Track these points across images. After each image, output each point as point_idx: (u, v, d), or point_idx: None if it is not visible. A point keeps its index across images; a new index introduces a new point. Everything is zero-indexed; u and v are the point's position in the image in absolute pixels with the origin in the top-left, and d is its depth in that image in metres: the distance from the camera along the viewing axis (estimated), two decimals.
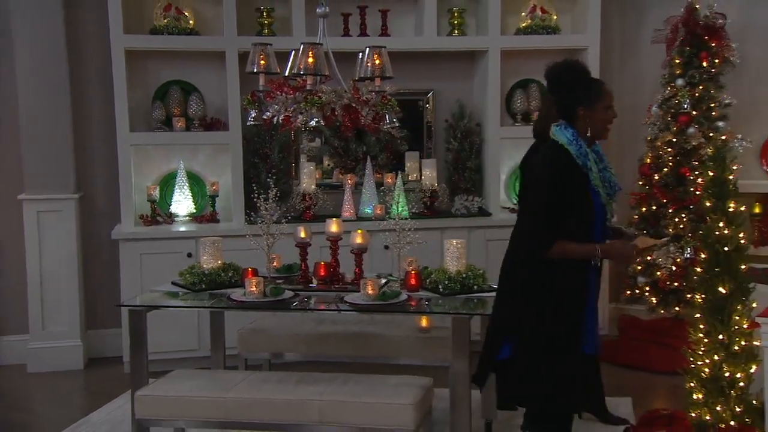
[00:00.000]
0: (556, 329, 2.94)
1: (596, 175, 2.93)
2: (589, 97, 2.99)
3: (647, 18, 5.55)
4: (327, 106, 3.39)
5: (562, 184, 2.88)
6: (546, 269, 2.92)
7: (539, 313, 2.95)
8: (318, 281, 3.76)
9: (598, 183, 2.94)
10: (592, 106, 2.98)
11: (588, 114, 2.97)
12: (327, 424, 3.14)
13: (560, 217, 2.87)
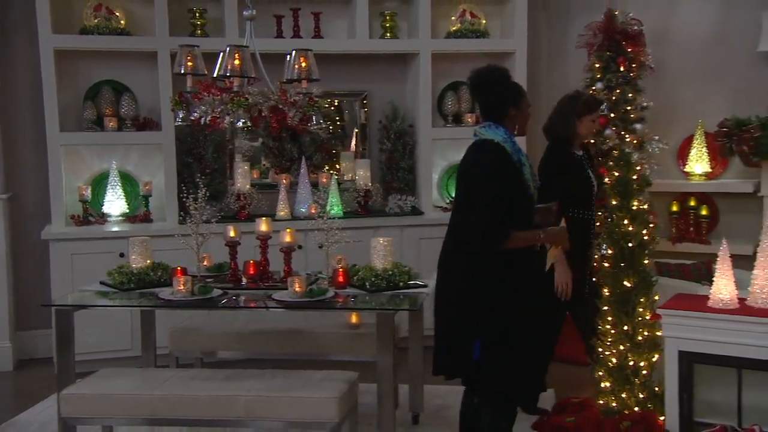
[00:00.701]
0: (522, 321, 3.10)
1: (528, 169, 3.15)
2: (516, 97, 3.20)
3: (572, 23, 5.76)
4: (254, 107, 3.46)
5: (505, 179, 3.06)
6: (504, 266, 3.07)
7: (505, 309, 3.07)
8: (247, 280, 3.82)
9: (528, 176, 3.14)
10: (520, 106, 3.20)
11: (516, 113, 3.19)
12: (253, 419, 3.21)
13: (507, 210, 3.04)
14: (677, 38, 5.55)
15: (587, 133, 4.06)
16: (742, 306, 2.93)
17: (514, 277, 3.09)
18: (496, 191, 3.02)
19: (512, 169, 3.09)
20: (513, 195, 3.06)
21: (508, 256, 3.05)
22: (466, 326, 3.14)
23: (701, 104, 5.44)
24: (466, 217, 3.15)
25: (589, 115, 4.00)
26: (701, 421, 2.93)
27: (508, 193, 3.05)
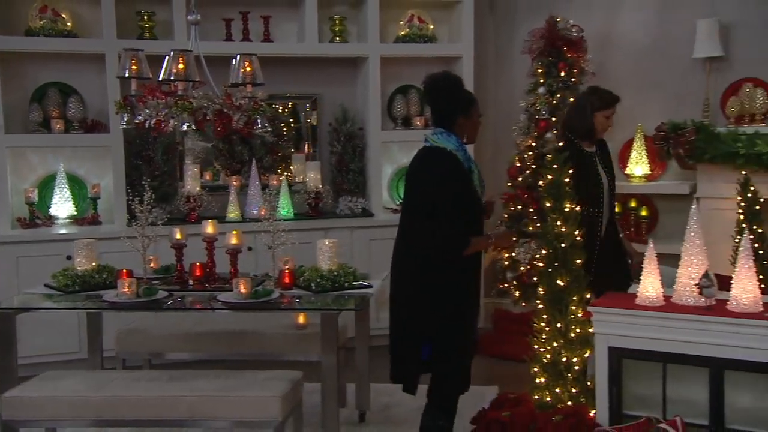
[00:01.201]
0: (471, 324, 3.28)
1: (476, 176, 3.25)
2: (467, 106, 3.26)
3: (518, 29, 5.91)
4: (198, 111, 3.50)
5: (459, 187, 3.15)
6: (458, 272, 3.20)
7: (456, 313, 3.21)
8: (194, 281, 3.85)
9: (477, 183, 3.24)
10: (469, 116, 3.26)
11: (465, 122, 3.25)
12: (197, 419, 3.24)
13: (462, 216, 3.13)
14: (618, 45, 5.73)
15: (600, 129, 4.03)
16: (667, 303, 3.06)
17: (465, 281, 3.23)
18: (455, 200, 3.11)
19: (464, 177, 3.19)
20: (466, 202, 3.16)
21: (461, 261, 3.16)
22: (416, 329, 3.24)
23: (641, 109, 5.62)
24: (421, 224, 3.20)
25: (603, 111, 4.00)
26: (629, 413, 3.04)
27: (463, 201, 3.15)
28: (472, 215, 3.21)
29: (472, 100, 3.32)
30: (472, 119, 3.29)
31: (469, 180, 3.22)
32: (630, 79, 5.68)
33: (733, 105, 5.20)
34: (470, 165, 3.24)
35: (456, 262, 3.17)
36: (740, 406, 2.91)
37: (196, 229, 4.10)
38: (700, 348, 2.91)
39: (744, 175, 4.97)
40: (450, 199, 3.11)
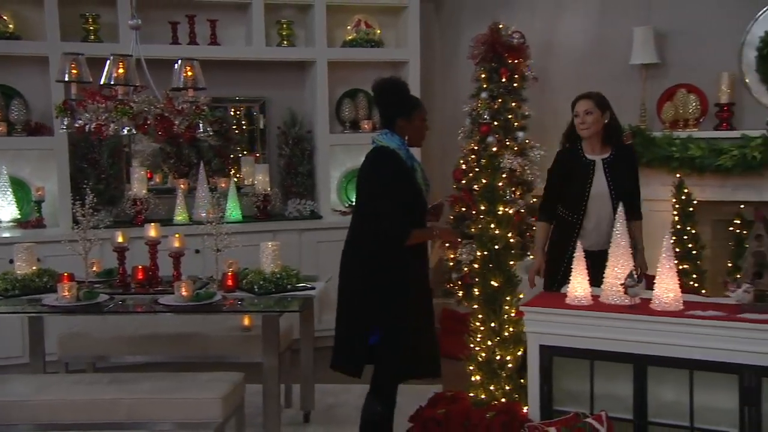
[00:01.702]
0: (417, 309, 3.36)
1: (420, 174, 3.38)
2: (408, 109, 3.39)
3: (464, 35, 5.99)
4: (139, 115, 3.51)
5: (401, 183, 3.29)
6: (403, 265, 3.31)
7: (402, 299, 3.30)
8: (136, 284, 3.86)
9: (421, 181, 3.37)
10: (409, 119, 3.38)
11: (405, 125, 3.38)
12: (136, 421, 3.26)
13: (404, 208, 3.27)
14: (559, 50, 5.87)
15: (578, 130, 3.99)
16: (595, 302, 3.17)
17: (411, 274, 3.33)
18: (396, 194, 3.25)
19: (406, 174, 3.32)
20: (408, 198, 3.30)
21: (405, 255, 3.29)
22: (363, 318, 3.33)
23: None
24: (368, 219, 3.34)
25: (573, 114, 4.02)
26: (560, 409, 3.14)
27: (405, 195, 3.28)
28: (415, 210, 3.34)
29: (415, 104, 3.44)
30: (413, 123, 3.39)
31: (412, 177, 3.34)
32: (571, 85, 5.79)
33: (668, 110, 5.37)
34: (413, 163, 3.36)
35: (401, 255, 3.28)
36: (663, 401, 3.03)
37: (140, 232, 4.11)
38: (624, 345, 3.03)
39: (678, 178, 5.16)
40: (392, 194, 3.25)
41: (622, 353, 3.03)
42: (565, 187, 3.95)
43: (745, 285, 2.90)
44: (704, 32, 5.31)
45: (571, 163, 3.98)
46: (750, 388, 2.80)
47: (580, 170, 3.93)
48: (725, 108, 5.22)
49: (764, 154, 4.90)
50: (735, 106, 5.24)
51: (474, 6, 6.01)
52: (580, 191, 3.90)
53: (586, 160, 3.95)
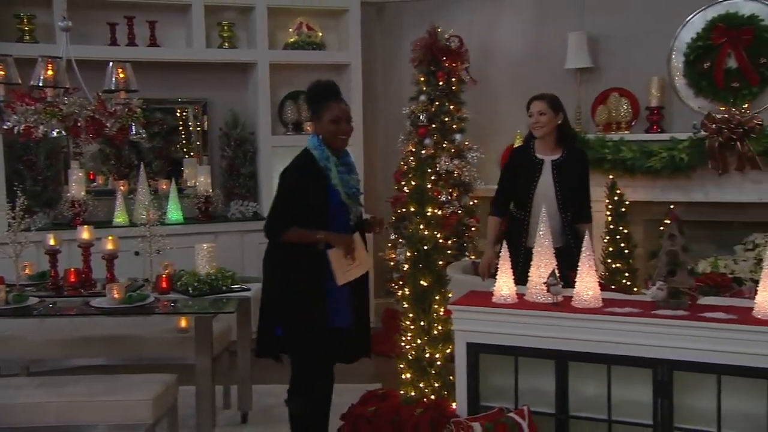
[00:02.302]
0: (304, 307, 3.32)
1: (335, 176, 3.32)
2: (316, 112, 3.40)
3: (405, 38, 6.07)
4: (69, 117, 3.49)
5: (304, 181, 3.30)
6: (289, 255, 3.33)
7: (293, 297, 3.32)
8: (68, 287, 3.83)
9: (337, 183, 3.32)
10: (319, 120, 3.38)
11: (317, 125, 3.40)
12: (65, 424, 3.24)
13: (297, 208, 3.28)
14: (498, 55, 5.99)
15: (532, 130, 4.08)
16: (520, 301, 3.26)
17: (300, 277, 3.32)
18: (290, 190, 3.30)
19: (316, 174, 3.31)
20: (310, 197, 3.29)
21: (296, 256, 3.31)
22: (269, 311, 3.42)
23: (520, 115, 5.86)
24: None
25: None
26: (486, 404, 3.21)
27: (305, 194, 3.29)
28: (316, 208, 3.31)
29: (324, 105, 3.37)
30: (322, 123, 3.36)
31: (320, 177, 3.31)
32: (509, 88, 5.95)
33: (602, 113, 5.52)
34: (327, 164, 3.32)
35: (292, 253, 3.32)
36: (583, 395, 3.13)
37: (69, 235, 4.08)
38: (547, 342, 3.11)
39: (611, 179, 5.30)
40: (282, 188, 3.33)
41: (545, 349, 3.11)
42: (515, 184, 4.06)
43: (659, 283, 3.01)
44: (635, 38, 5.47)
45: (521, 160, 4.11)
46: (663, 381, 2.90)
47: (529, 168, 4.06)
48: (655, 111, 5.38)
49: (691, 156, 5.07)
50: (665, 109, 5.42)
51: (415, 10, 6.09)
52: (526, 189, 4.02)
53: (536, 159, 4.07)
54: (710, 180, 5.15)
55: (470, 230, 4.92)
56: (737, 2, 5.22)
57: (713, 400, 2.85)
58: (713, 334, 2.83)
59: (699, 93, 5.32)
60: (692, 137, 5.07)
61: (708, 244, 5.47)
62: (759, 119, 4.85)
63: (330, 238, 3.32)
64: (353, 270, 3.38)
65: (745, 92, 5.14)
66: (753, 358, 2.76)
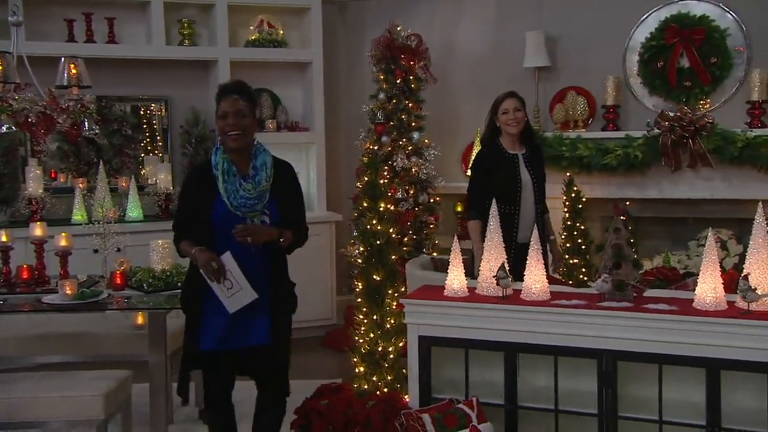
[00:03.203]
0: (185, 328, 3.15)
1: (222, 185, 2.97)
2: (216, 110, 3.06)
3: (367, 36, 6.09)
4: (20, 113, 3.46)
5: (190, 188, 3.09)
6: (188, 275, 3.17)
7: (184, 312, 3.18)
8: (21, 284, 3.80)
9: (223, 192, 2.97)
10: (216, 118, 3.06)
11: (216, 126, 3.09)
12: (18, 421, 3.22)
13: (187, 218, 3.06)
14: (458, 53, 6.04)
15: (506, 125, 4.09)
16: (471, 294, 3.30)
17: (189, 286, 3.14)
18: (180, 198, 3.16)
19: (205, 182, 3.02)
20: (195, 206, 3.03)
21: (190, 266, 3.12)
22: None
23: (480, 113, 5.90)
24: None
25: (498, 110, 4.14)
26: (438, 396, 3.25)
27: (191, 203, 3.05)
28: (200, 219, 3.01)
29: (218, 101, 3.05)
30: (216, 121, 3.06)
31: (207, 183, 3.00)
32: (469, 86, 6.01)
33: (559, 111, 5.60)
34: (215, 171, 3.00)
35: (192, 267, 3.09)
36: (532, 386, 3.18)
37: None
38: (496, 334, 3.15)
39: (568, 176, 5.38)
40: (178, 197, 3.22)
41: (494, 342, 3.15)
42: (492, 183, 4.05)
43: (603, 275, 3.07)
44: (592, 37, 5.56)
45: (495, 159, 4.13)
46: (607, 371, 2.96)
47: (507, 164, 4.11)
48: (611, 110, 5.48)
49: (645, 154, 5.17)
50: (620, 108, 5.51)
51: (377, 9, 6.12)
52: (511, 183, 4.07)
53: (509, 155, 4.14)
54: (664, 177, 5.25)
55: (429, 227, 4.94)
56: (689, 3, 5.33)
57: (655, 389, 2.91)
58: (655, 324, 2.90)
59: (653, 92, 5.44)
60: (646, 135, 5.16)
61: (664, 240, 5.58)
62: (710, 117, 4.95)
63: (196, 256, 2.97)
64: (236, 296, 2.96)
65: (697, 91, 5.26)
66: (693, 347, 2.83)
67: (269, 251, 3.06)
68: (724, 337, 2.80)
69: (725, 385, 2.82)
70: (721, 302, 2.89)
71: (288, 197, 3.11)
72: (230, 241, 2.94)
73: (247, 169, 3.03)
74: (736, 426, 2.81)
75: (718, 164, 5.00)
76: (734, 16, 5.25)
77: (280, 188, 3.07)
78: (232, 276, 2.94)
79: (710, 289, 2.90)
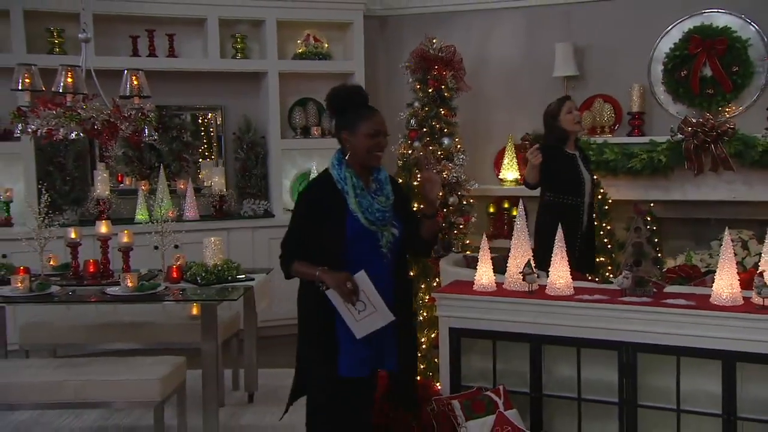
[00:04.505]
0: (311, 351, 2.74)
1: (353, 200, 2.64)
2: (351, 122, 2.67)
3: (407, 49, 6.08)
4: (87, 120, 3.56)
5: (313, 205, 2.66)
6: (302, 290, 2.77)
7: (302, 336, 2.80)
8: (88, 277, 3.91)
9: (355, 208, 2.63)
10: (351, 133, 2.67)
11: (349, 138, 2.68)
12: (82, 401, 3.32)
13: (308, 236, 2.66)
14: (492, 64, 6.01)
15: (571, 127, 4.09)
16: (499, 289, 3.29)
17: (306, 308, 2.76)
18: (299, 216, 2.70)
19: (329, 196, 2.66)
20: (319, 223, 2.63)
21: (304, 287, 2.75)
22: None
23: (512, 121, 5.91)
24: None
25: (562, 111, 4.10)
26: (467, 384, 3.25)
27: (315, 221, 2.64)
28: (328, 237, 2.63)
29: (360, 115, 2.67)
30: (356, 136, 2.65)
31: (335, 199, 2.65)
32: (502, 95, 5.98)
33: (587, 118, 5.53)
34: (344, 186, 2.65)
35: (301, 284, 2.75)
36: (556, 376, 3.16)
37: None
38: (522, 326, 3.14)
39: (596, 179, 5.31)
40: (294, 213, 2.74)
41: (520, 333, 3.15)
42: (560, 179, 4.07)
43: (624, 272, 3.04)
44: (618, 48, 5.50)
45: (563, 157, 4.12)
46: (627, 362, 2.93)
47: (569, 162, 4.14)
48: (636, 116, 5.40)
49: (669, 158, 5.08)
50: (645, 114, 5.43)
51: (415, 23, 6.12)
52: (576, 178, 4.11)
53: (570, 154, 4.17)
54: (687, 180, 5.15)
55: (459, 228, 4.89)
56: (712, 15, 5.23)
57: (673, 380, 2.87)
58: (673, 318, 2.86)
59: (677, 99, 5.34)
60: (670, 140, 5.07)
61: (687, 240, 5.47)
62: (732, 123, 4.84)
63: (324, 277, 2.60)
64: (367, 319, 2.61)
65: (719, 98, 5.15)
66: (709, 340, 2.79)
67: (396, 268, 2.76)
68: (739, 331, 2.75)
69: (740, 376, 2.76)
70: (737, 298, 2.84)
71: (405, 208, 2.86)
72: (361, 258, 2.63)
73: (368, 183, 2.72)
74: (751, 415, 2.76)
75: (739, 168, 4.89)
76: (756, 27, 5.13)
77: (397, 200, 2.78)
78: (365, 297, 2.59)
79: (727, 285, 2.85)
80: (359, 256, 2.64)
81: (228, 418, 4.06)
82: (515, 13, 5.94)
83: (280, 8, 5.71)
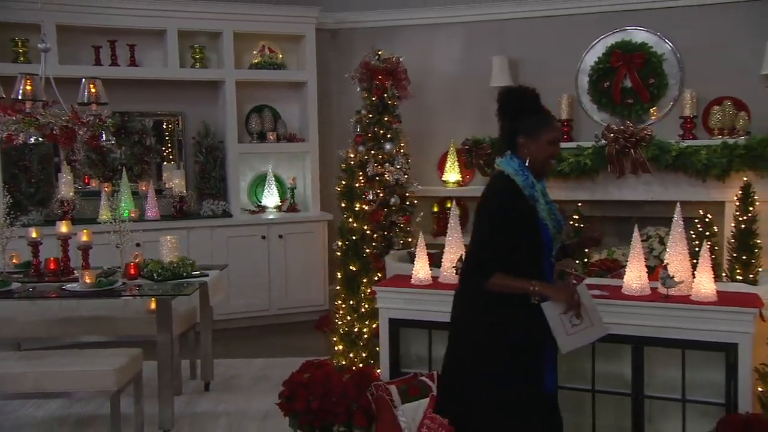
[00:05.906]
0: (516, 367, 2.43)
1: (544, 207, 2.43)
2: (532, 127, 2.42)
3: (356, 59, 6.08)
4: (46, 126, 3.49)
5: (510, 215, 2.37)
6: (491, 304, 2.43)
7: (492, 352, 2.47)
8: (48, 274, 3.83)
9: (546, 215, 2.42)
10: (533, 140, 2.41)
11: (527, 143, 2.42)
12: (41, 391, 3.25)
13: (507, 249, 2.37)
14: (434, 75, 6.06)
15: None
16: (434, 282, 3.33)
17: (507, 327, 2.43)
18: (491, 228, 2.39)
19: (522, 205, 2.39)
20: (518, 234, 2.37)
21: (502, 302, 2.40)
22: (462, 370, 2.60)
23: (454, 127, 5.97)
24: (467, 255, 2.59)
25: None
26: (405, 371, 3.28)
27: (512, 230, 2.36)
28: (528, 249, 2.39)
29: (542, 120, 2.43)
30: (538, 142, 2.40)
31: (529, 209, 2.39)
32: (444, 104, 6.04)
33: None
34: (533, 192, 2.40)
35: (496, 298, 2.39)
36: None
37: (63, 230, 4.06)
38: None
39: None
40: (491, 221, 2.38)
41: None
42: None
43: None
44: (548, 60, 5.59)
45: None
46: None
47: None
48: (565, 123, 5.50)
49: (594, 161, 5.18)
50: (573, 121, 5.54)
51: (364, 36, 6.14)
52: None
53: None
54: (611, 182, 5.26)
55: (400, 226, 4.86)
56: (632, 31, 5.37)
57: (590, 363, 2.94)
58: None
59: (601, 108, 5.47)
60: (595, 145, 5.18)
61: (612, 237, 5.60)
62: (649, 130, 4.97)
63: (547, 290, 2.34)
64: (581, 333, 2.37)
65: (638, 107, 5.28)
66: (620, 327, 2.86)
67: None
68: (647, 318, 2.83)
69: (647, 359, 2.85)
70: (645, 288, 2.93)
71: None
72: (547, 268, 2.44)
73: None
74: (656, 393, 2.85)
75: (655, 171, 5.02)
76: (670, 44, 5.29)
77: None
78: (584, 310, 2.35)
79: (636, 277, 2.93)
80: (548, 266, 2.44)
81: (185, 405, 4.02)
82: (454, 28, 6.01)
83: (237, 21, 5.67)
